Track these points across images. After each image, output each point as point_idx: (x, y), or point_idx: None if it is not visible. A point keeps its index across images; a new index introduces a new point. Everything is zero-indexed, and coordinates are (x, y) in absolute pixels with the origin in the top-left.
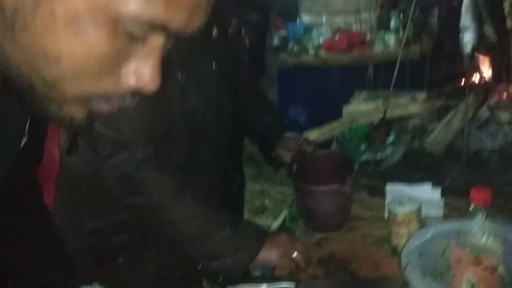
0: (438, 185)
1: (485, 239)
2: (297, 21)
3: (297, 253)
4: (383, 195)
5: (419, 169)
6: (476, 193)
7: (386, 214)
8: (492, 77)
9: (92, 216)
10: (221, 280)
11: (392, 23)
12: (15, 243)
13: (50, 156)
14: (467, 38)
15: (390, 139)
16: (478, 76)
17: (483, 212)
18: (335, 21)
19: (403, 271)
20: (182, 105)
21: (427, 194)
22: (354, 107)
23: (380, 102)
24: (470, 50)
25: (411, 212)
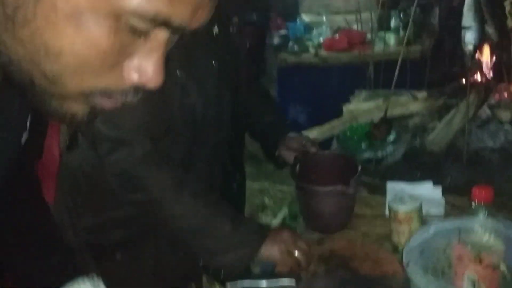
0: (439, 184)
1: (487, 237)
2: (297, 20)
3: (299, 252)
4: (384, 193)
5: (420, 168)
6: (478, 191)
7: (387, 212)
8: (493, 77)
9: (91, 213)
10: (223, 276)
11: (392, 23)
12: (14, 237)
13: (50, 153)
14: (469, 38)
15: (391, 138)
16: (479, 75)
17: (485, 210)
18: (336, 21)
19: (405, 269)
20: (182, 103)
21: (428, 192)
22: (355, 106)
23: (381, 101)
24: (472, 50)
25: (412, 210)
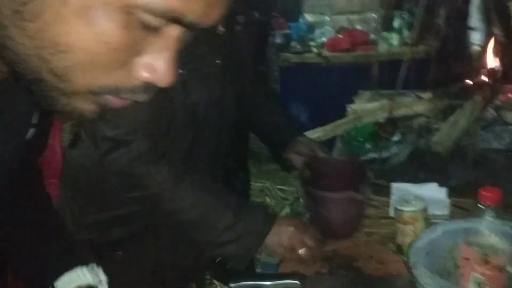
0: (444, 185)
1: (494, 239)
2: (300, 20)
3: (304, 248)
4: (388, 194)
5: (425, 168)
6: (485, 193)
7: (392, 213)
8: (499, 78)
9: (92, 210)
10: (230, 267)
11: (396, 23)
12: (14, 228)
13: (52, 151)
14: (475, 38)
15: (396, 138)
16: (485, 76)
17: (492, 212)
18: (339, 20)
19: (411, 270)
20: (184, 101)
21: (433, 193)
22: (359, 106)
23: (385, 101)
24: (478, 50)
25: (418, 211)
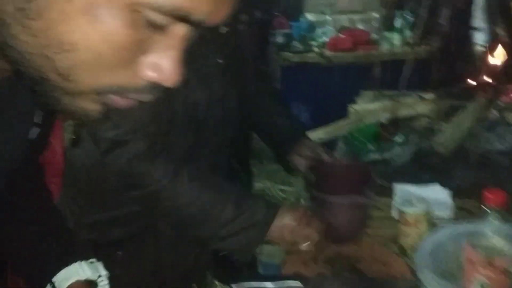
0: (447, 186)
1: (498, 241)
2: (301, 19)
3: (307, 241)
4: (391, 195)
5: (427, 169)
6: (490, 195)
7: (395, 214)
8: (502, 78)
9: (93, 210)
10: (235, 261)
11: (397, 23)
12: (15, 223)
13: (53, 151)
14: (479, 39)
15: (398, 139)
16: (488, 77)
17: (497, 214)
18: (340, 20)
19: (416, 272)
20: (184, 100)
21: (436, 195)
22: (361, 107)
23: (387, 102)
24: (482, 51)
25: (421, 213)
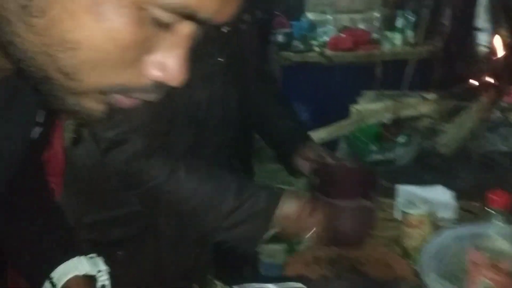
0: (450, 187)
1: (503, 244)
2: (302, 19)
3: (314, 230)
4: (394, 196)
5: (430, 170)
6: (495, 197)
7: (397, 215)
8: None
9: (92, 209)
10: (243, 251)
11: (398, 23)
12: (17, 223)
13: (53, 151)
14: (482, 39)
15: (401, 140)
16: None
17: (501, 216)
18: (341, 19)
19: (420, 275)
20: (185, 98)
21: (439, 196)
22: (362, 107)
23: (389, 102)
24: (485, 51)
25: (425, 214)
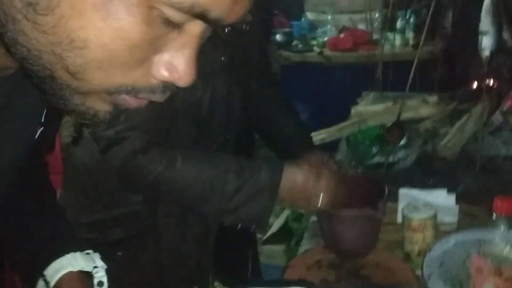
0: (451, 191)
1: (507, 249)
2: (302, 19)
3: (322, 195)
4: (395, 199)
5: (432, 174)
6: (500, 203)
7: (399, 219)
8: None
9: (92, 209)
10: (253, 231)
11: (399, 23)
12: (18, 221)
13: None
14: (486, 43)
15: (402, 142)
16: (493, 81)
17: (505, 222)
18: (341, 20)
19: (425, 280)
20: (187, 98)
21: (442, 200)
22: (363, 108)
23: (390, 104)
24: (489, 55)
25: (427, 218)
